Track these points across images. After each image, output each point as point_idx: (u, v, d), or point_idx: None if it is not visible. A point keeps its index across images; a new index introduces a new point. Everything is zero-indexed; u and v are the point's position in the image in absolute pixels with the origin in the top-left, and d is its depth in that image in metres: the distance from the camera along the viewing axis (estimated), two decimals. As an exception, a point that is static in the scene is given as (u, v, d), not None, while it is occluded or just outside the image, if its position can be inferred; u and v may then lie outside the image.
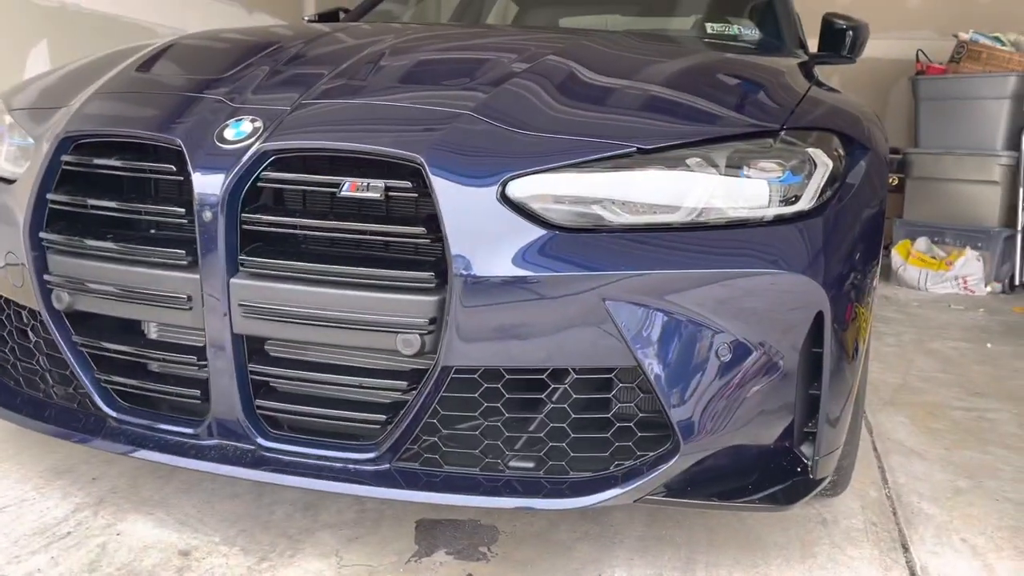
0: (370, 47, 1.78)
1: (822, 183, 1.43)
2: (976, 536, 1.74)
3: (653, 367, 1.34)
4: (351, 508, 1.72)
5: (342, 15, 3.19)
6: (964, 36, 5.09)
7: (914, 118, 5.29)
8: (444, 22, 3.28)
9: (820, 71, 2.44)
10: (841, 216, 1.44)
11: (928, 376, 2.95)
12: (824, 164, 1.44)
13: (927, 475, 2.05)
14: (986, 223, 4.89)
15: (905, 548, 1.68)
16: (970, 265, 4.68)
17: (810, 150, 1.44)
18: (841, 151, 1.51)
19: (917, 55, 5.32)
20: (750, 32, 2.76)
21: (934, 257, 4.87)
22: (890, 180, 5.29)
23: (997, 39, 5.03)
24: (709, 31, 2.78)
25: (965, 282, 4.68)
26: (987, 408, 2.61)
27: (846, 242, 1.45)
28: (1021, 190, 4.85)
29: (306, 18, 3.36)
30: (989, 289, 4.73)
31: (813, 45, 2.75)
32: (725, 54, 2.08)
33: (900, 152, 5.41)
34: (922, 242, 4.97)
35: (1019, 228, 4.85)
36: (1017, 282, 4.88)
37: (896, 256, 4.95)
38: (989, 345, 3.48)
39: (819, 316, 1.39)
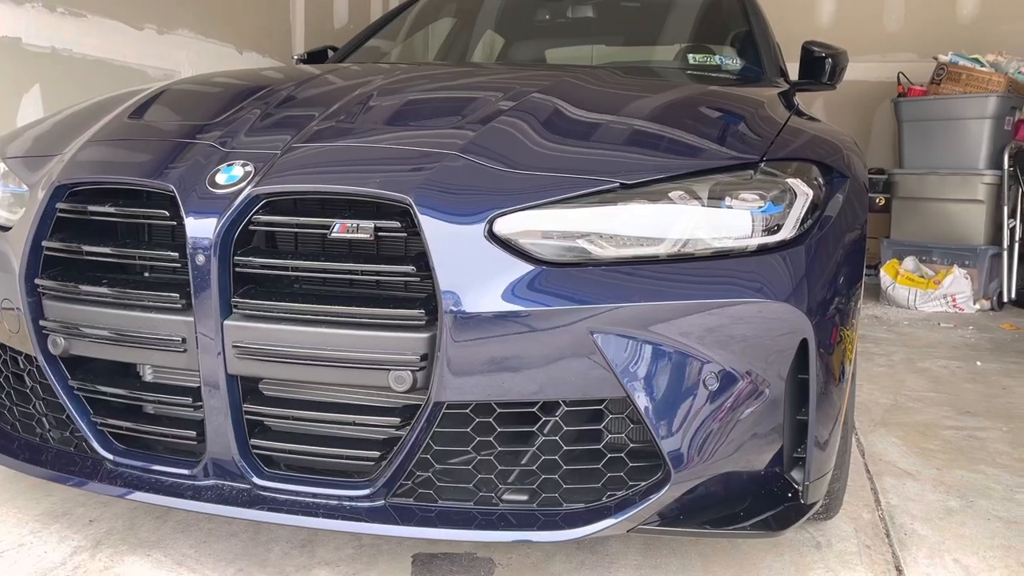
0: (359, 88, 1.82)
1: (803, 212, 1.47)
2: (969, 556, 1.76)
3: (642, 398, 1.36)
4: (348, 544, 1.73)
5: (330, 53, 3.24)
6: (944, 58, 5.18)
7: (897, 139, 5.37)
8: (431, 60, 3.34)
9: (801, 97, 2.49)
10: (822, 243, 1.48)
11: (919, 396, 2.98)
12: (804, 193, 1.48)
13: (919, 496, 2.06)
14: (972, 241, 4.94)
15: (899, 570, 1.69)
16: (958, 283, 4.72)
17: (790, 180, 1.48)
18: (821, 180, 1.55)
19: (898, 77, 5.41)
20: (731, 62, 2.81)
21: (922, 276, 4.91)
22: (877, 200, 5.36)
23: (976, 60, 5.11)
24: (691, 62, 2.84)
25: (954, 300, 4.72)
26: (977, 427, 2.63)
27: (828, 268, 1.48)
28: (1006, 208, 4.91)
29: (295, 57, 3.41)
30: (978, 306, 4.77)
31: (794, 70, 2.80)
32: (706, 86, 2.12)
33: (886, 173, 5.48)
34: (910, 261, 5.02)
35: (1005, 246, 4.91)
36: (1006, 299, 4.92)
37: (885, 276, 4.99)
38: (979, 363, 3.51)
39: (804, 343, 1.41)
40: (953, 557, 1.75)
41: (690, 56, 2.87)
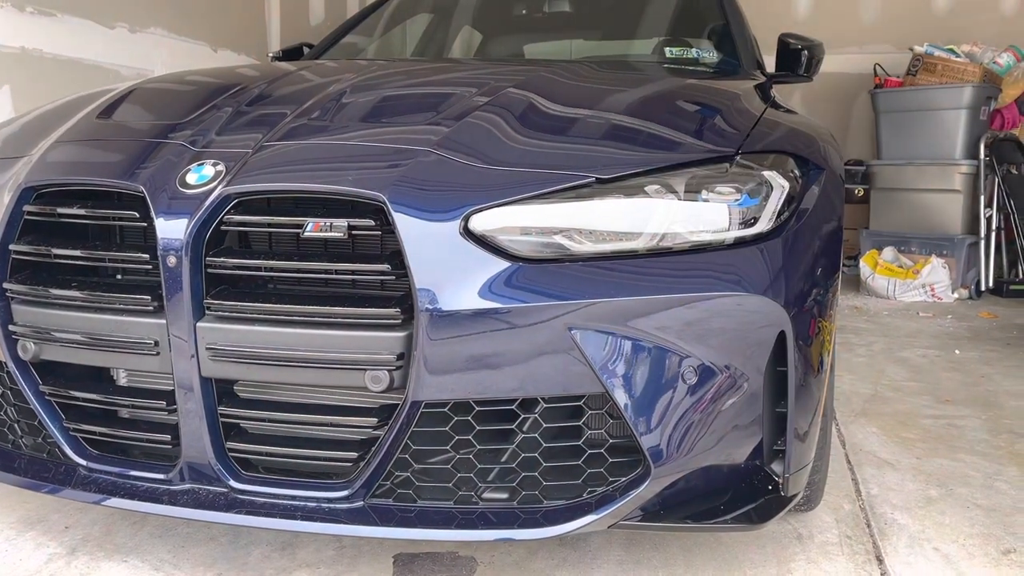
0: (332, 85, 1.80)
1: (779, 204, 1.46)
2: (948, 544, 1.77)
3: (621, 393, 1.36)
4: (329, 546, 1.71)
5: (306, 50, 3.21)
6: (919, 49, 5.21)
7: (875, 130, 5.40)
8: (408, 56, 3.32)
9: (780, 90, 2.50)
10: (799, 235, 1.47)
11: (898, 385, 2.99)
12: (780, 186, 1.47)
13: (899, 485, 2.07)
14: (950, 231, 4.98)
15: (879, 560, 1.70)
16: (936, 273, 4.76)
17: (766, 173, 1.47)
18: (797, 172, 1.55)
19: (875, 69, 5.43)
20: (708, 55, 2.81)
21: (901, 266, 4.94)
22: (856, 191, 5.39)
23: (951, 51, 5.15)
24: (668, 55, 2.84)
25: (932, 290, 4.76)
26: (956, 415, 2.65)
27: (805, 260, 1.48)
28: (982, 197, 4.95)
29: (270, 55, 3.37)
30: (956, 296, 4.81)
31: (771, 63, 2.80)
32: (683, 80, 2.12)
33: (864, 164, 5.50)
34: (889, 252, 5.05)
35: (982, 235, 4.95)
36: (983, 288, 4.96)
37: (864, 266, 5.02)
38: (957, 351, 3.54)
39: (782, 335, 1.41)
40: (933, 546, 1.76)
41: (667, 49, 2.86)
